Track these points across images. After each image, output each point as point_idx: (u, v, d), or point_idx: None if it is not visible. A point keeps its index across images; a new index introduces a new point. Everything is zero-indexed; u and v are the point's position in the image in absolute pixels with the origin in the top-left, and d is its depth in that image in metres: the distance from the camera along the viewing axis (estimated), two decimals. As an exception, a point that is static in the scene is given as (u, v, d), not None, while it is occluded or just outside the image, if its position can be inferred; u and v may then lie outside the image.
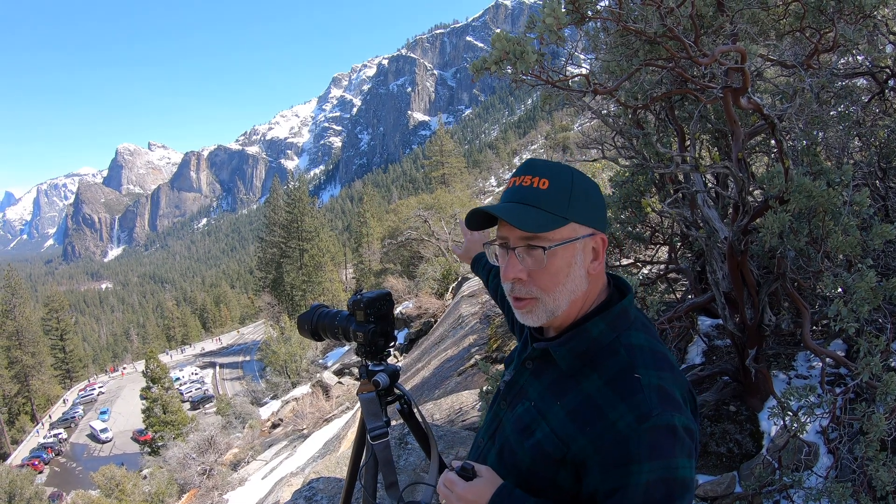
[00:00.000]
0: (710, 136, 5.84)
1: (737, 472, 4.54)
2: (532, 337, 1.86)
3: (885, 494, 3.23)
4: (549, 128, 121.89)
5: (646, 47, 4.38)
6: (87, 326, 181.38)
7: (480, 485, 1.63)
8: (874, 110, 5.33)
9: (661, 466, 1.47)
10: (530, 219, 1.61)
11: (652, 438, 1.48)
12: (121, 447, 59.53)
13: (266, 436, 30.03)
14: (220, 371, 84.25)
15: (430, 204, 45.84)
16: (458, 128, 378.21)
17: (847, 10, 3.94)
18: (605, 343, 1.67)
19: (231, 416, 39.80)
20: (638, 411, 1.50)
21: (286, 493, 12.76)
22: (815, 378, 5.10)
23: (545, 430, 1.64)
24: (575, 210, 1.65)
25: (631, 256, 6.62)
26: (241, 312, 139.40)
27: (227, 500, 20.48)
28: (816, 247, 3.75)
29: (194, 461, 27.17)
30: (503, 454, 1.76)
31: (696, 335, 6.18)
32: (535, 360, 1.81)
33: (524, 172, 1.70)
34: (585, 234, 1.67)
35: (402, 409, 2.45)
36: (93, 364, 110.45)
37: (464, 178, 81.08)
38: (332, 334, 2.55)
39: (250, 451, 26.78)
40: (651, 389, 1.54)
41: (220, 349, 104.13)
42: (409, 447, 6.80)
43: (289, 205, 74.36)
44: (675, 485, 1.49)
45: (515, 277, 1.66)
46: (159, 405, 46.83)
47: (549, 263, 1.63)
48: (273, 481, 17.39)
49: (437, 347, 17.46)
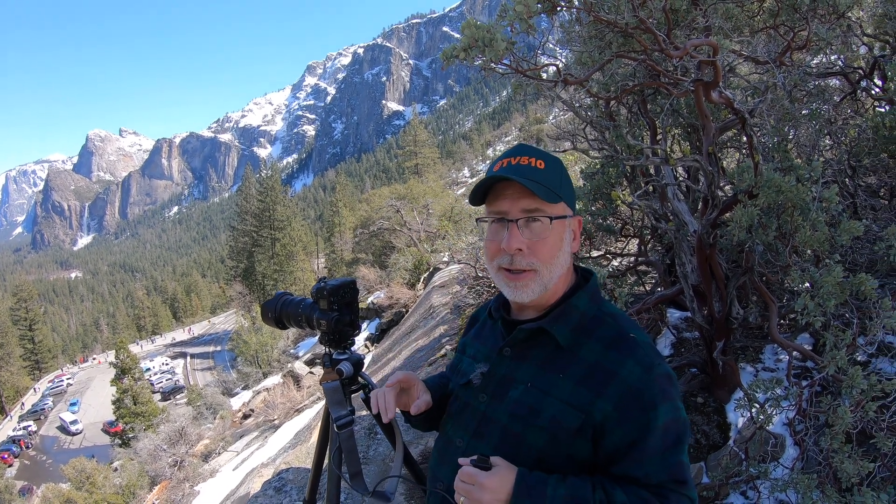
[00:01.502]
0: (682, 131, 5.86)
1: (704, 462, 4.57)
2: (507, 323, 1.92)
3: (851, 486, 3.26)
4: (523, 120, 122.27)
5: (619, 39, 4.37)
6: (56, 316, 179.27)
7: (501, 472, 1.64)
8: (846, 110, 5.38)
9: (671, 408, 1.67)
10: (539, 188, 1.71)
11: (660, 384, 1.68)
12: (91, 439, 58.84)
13: (237, 426, 29.91)
14: (191, 361, 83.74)
15: (402, 194, 45.78)
16: (432, 118, 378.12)
17: (821, 10, 3.97)
18: (591, 315, 1.81)
19: (202, 407, 39.49)
20: (643, 364, 1.68)
21: (257, 484, 12.71)
22: (782, 371, 5.14)
23: (556, 405, 1.71)
24: (564, 191, 1.79)
25: (601, 248, 6.64)
26: (213, 302, 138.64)
27: (198, 492, 20.38)
28: (785, 241, 3.78)
29: (165, 453, 27.04)
30: (503, 444, 1.78)
31: (664, 327, 6.21)
32: (515, 345, 1.86)
33: (519, 153, 1.79)
34: (571, 214, 1.81)
35: (366, 398, 2.43)
36: (62, 355, 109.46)
37: (437, 168, 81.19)
38: (296, 322, 2.52)
39: (221, 443, 26.68)
40: (646, 345, 1.74)
41: (190, 339, 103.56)
42: (378, 437, 6.80)
43: (261, 193, 73.77)
44: (682, 424, 1.70)
45: (518, 248, 1.74)
46: (129, 396, 46.27)
47: (547, 235, 1.75)
48: (244, 472, 17.34)
49: (407, 338, 17.44)
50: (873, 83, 5.37)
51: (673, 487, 1.64)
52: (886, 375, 3.75)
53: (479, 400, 1.88)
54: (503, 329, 1.93)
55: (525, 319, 1.87)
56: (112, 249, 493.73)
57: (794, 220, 3.61)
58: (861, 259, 4.51)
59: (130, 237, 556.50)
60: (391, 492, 2.09)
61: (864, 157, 5.01)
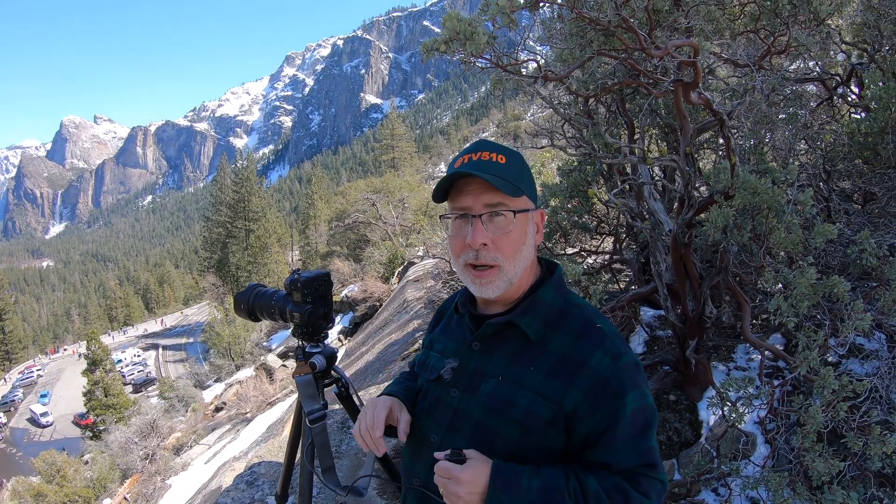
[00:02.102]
0: (660, 130, 5.89)
1: (676, 459, 4.60)
2: (474, 318, 1.93)
3: (821, 484, 3.30)
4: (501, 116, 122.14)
5: (600, 37, 4.38)
6: (27, 306, 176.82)
7: (476, 465, 1.66)
8: (822, 116, 5.44)
9: (639, 395, 1.71)
10: (501, 183, 1.72)
11: (628, 372, 1.71)
12: (62, 431, 58.31)
13: (209, 419, 29.71)
14: (163, 353, 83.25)
15: (378, 187, 45.69)
16: (410, 112, 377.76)
17: (802, 16, 4.00)
18: (558, 307, 1.84)
19: (174, 400, 39.08)
20: (611, 353, 1.72)
21: (229, 477, 12.64)
22: (754, 370, 5.20)
23: (528, 396, 1.73)
24: (526, 185, 1.81)
25: (576, 246, 6.65)
26: (185, 293, 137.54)
27: (169, 486, 20.25)
28: (759, 243, 3.82)
29: (136, 446, 26.77)
30: (477, 438, 1.79)
31: (638, 325, 6.25)
32: (484, 340, 1.87)
33: (480, 149, 1.80)
34: (533, 207, 1.83)
35: (339, 392, 2.41)
36: (33, 345, 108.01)
37: (414, 162, 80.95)
38: (269, 315, 2.49)
39: (193, 436, 26.47)
40: (613, 335, 1.78)
41: (163, 331, 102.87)
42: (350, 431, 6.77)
43: (236, 184, 73.18)
44: (650, 411, 1.73)
45: (482, 243, 1.74)
46: (101, 388, 45.71)
47: (511, 229, 1.76)
48: (216, 466, 17.27)
49: (381, 332, 17.45)
50: (850, 90, 5.44)
51: (644, 472, 1.69)
52: (857, 376, 3.81)
53: (450, 395, 1.89)
54: (471, 323, 1.94)
55: (493, 314, 1.88)
56: (85, 238, 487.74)
57: (769, 222, 3.64)
58: (834, 262, 4.56)
59: (103, 226, 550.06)
60: (364, 487, 2.09)
61: (838, 162, 5.07)
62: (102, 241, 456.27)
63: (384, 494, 5.17)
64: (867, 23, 5.15)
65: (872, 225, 4.63)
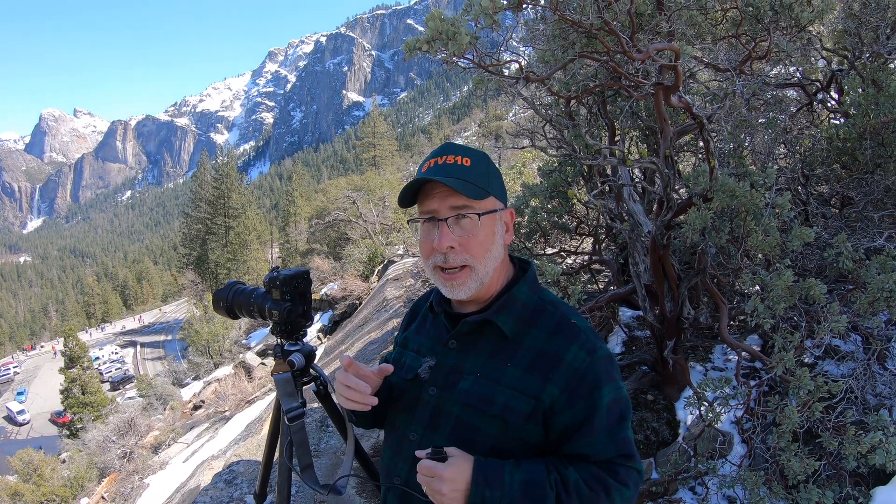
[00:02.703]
0: (640, 133, 5.93)
1: (653, 458, 4.64)
2: (450, 317, 1.96)
3: (797, 483, 3.35)
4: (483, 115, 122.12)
5: (582, 40, 4.40)
6: (3, 302, 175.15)
7: (458, 462, 1.66)
8: (801, 121, 5.50)
9: (614, 388, 1.75)
10: (465, 186, 1.74)
11: (603, 366, 1.75)
12: (39, 430, 57.47)
13: (188, 418, 29.46)
14: (141, 350, 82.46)
15: (359, 185, 45.50)
16: (392, 110, 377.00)
17: (783, 22, 4.03)
18: (533, 304, 1.87)
19: (152, 398, 38.68)
20: (587, 348, 1.75)
21: (207, 476, 12.57)
22: (731, 371, 5.25)
23: (507, 392, 1.76)
24: (493, 185, 1.82)
25: (556, 246, 6.69)
26: (164, 290, 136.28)
27: (147, 485, 20.03)
28: (737, 245, 3.86)
29: (114, 444, 26.45)
30: (457, 435, 1.81)
31: (616, 325, 6.29)
32: (460, 338, 1.89)
33: (444, 153, 1.82)
34: (501, 207, 1.84)
35: (317, 390, 2.41)
36: (9, 342, 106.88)
37: (395, 161, 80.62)
38: (248, 312, 2.47)
39: (171, 434, 26.23)
40: (587, 330, 1.81)
41: (141, 328, 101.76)
42: (329, 430, 6.78)
43: (216, 180, 72.59)
44: (624, 403, 1.77)
45: (449, 246, 1.77)
46: (78, 386, 45.23)
47: (477, 232, 1.77)
48: (194, 465, 17.13)
49: (360, 330, 17.40)
50: (830, 96, 5.51)
51: (621, 462, 1.72)
52: (832, 377, 3.86)
53: (428, 393, 1.90)
54: (447, 322, 1.96)
55: (468, 312, 1.90)
56: (63, 233, 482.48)
57: (747, 225, 3.68)
58: (811, 265, 4.61)
59: (82, 221, 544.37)
60: (342, 486, 2.09)
61: (817, 166, 5.13)
62: (81, 236, 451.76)
63: (363, 493, 5.18)
64: (848, 30, 5.21)
65: (849, 229, 4.69)
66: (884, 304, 3.54)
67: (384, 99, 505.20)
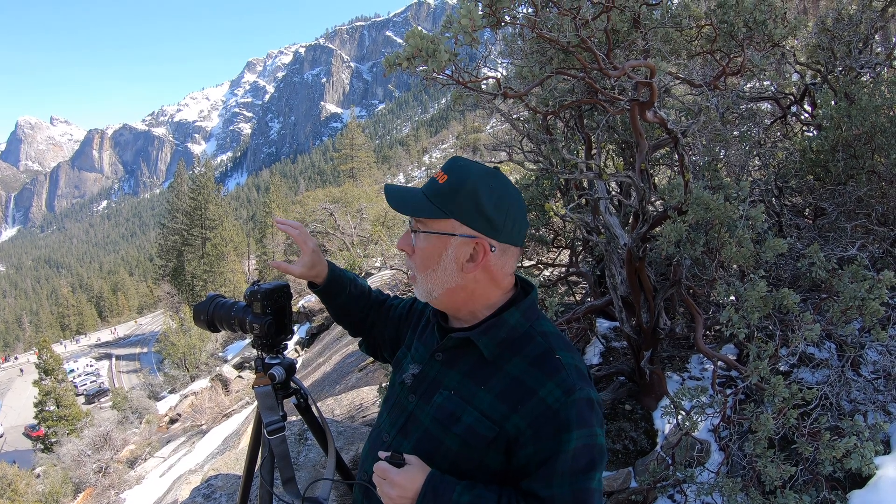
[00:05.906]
0: (616, 147, 6.01)
1: (632, 467, 4.67)
2: (441, 329, 1.96)
3: (774, 489, 3.40)
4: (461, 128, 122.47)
5: (560, 56, 4.46)
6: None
7: (412, 471, 1.69)
8: (775, 133, 5.60)
9: (586, 434, 1.64)
10: (408, 204, 1.79)
11: (577, 409, 1.64)
12: (12, 443, 56.34)
13: (164, 431, 29.22)
14: (117, 363, 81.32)
15: (336, 197, 45.43)
16: (370, 122, 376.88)
17: (757, 38, 4.10)
18: (522, 331, 1.80)
19: (127, 411, 38.35)
20: (564, 386, 1.66)
21: (185, 490, 12.48)
22: (707, 380, 5.32)
23: (474, 415, 1.74)
24: (459, 209, 1.74)
25: (533, 258, 6.75)
26: (140, 301, 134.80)
27: (123, 500, 19.84)
28: (711, 256, 3.92)
29: (89, 458, 26.17)
30: (422, 445, 1.82)
31: (594, 337, 6.33)
32: (446, 351, 1.89)
33: (442, 168, 1.82)
34: (465, 234, 1.74)
35: (298, 403, 2.42)
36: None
37: (372, 172, 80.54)
38: (229, 325, 2.48)
39: (148, 448, 25.99)
40: (571, 368, 1.71)
41: (116, 340, 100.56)
42: (308, 443, 6.75)
43: (193, 191, 72.27)
44: (596, 450, 1.66)
45: (400, 248, 1.86)
46: (52, 399, 44.66)
47: (419, 247, 1.80)
48: (171, 479, 16.99)
49: (338, 342, 17.37)
50: (803, 109, 5.62)
51: None
52: (807, 384, 3.94)
53: (408, 400, 1.93)
54: (437, 334, 1.97)
55: (457, 328, 1.91)
56: (37, 243, 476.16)
57: (722, 237, 3.74)
58: (785, 275, 4.69)
59: (57, 231, 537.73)
60: (324, 498, 2.12)
61: (790, 178, 5.23)
62: (56, 246, 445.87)
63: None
64: (821, 44, 5.33)
65: (822, 239, 4.78)
66: (856, 312, 3.60)
67: (362, 110, 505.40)
